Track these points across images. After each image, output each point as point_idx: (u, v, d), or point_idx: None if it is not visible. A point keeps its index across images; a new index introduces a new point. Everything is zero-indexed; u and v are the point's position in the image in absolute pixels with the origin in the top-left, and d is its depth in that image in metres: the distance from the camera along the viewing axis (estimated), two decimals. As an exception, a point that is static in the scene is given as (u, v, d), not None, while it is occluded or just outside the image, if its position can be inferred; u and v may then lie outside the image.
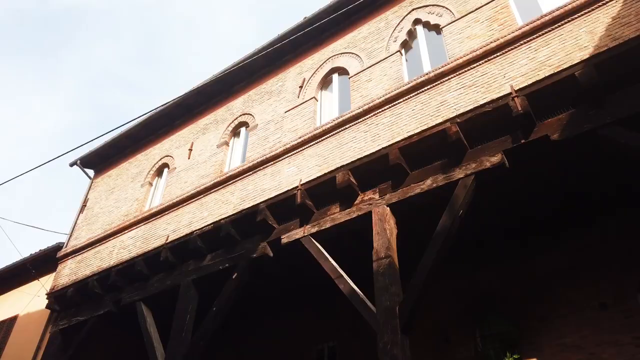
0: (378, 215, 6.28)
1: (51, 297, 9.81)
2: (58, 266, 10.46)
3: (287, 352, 9.17)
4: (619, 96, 5.15)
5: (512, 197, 6.71)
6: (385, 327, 5.31)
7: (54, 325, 9.63)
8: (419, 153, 6.27)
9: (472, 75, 6.26)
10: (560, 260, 7.11)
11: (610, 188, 6.60)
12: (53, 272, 10.53)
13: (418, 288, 5.38)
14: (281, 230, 7.32)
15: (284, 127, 8.34)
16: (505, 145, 5.72)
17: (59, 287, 9.82)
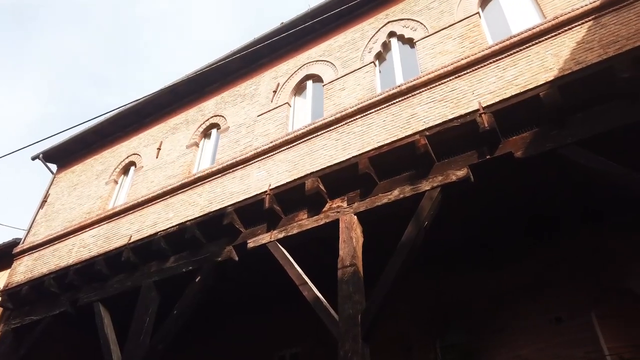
0: (345, 224, 6.32)
1: (4, 294, 9.42)
2: (13, 263, 10.07)
3: (249, 357, 9.08)
4: (580, 118, 5.36)
5: (476, 211, 6.87)
6: (346, 335, 5.33)
7: (5, 324, 9.25)
8: (388, 163, 6.35)
9: (442, 90, 6.40)
10: (519, 274, 7.31)
11: (569, 206, 6.84)
12: (8, 268, 10.13)
13: (381, 297, 5.42)
14: (248, 234, 7.27)
15: (256, 130, 8.31)
16: (471, 160, 5.86)
17: (13, 284, 9.45)
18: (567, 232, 7.17)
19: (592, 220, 7.05)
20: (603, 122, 5.18)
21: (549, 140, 5.43)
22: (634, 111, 5.05)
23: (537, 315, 6.90)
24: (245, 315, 9.51)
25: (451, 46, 6.83)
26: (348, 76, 7.78)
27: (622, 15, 5.43)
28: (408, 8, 7.96)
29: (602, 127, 5.16)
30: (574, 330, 6.58)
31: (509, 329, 7.00)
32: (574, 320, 6.65)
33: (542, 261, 7.23)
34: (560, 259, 7.11)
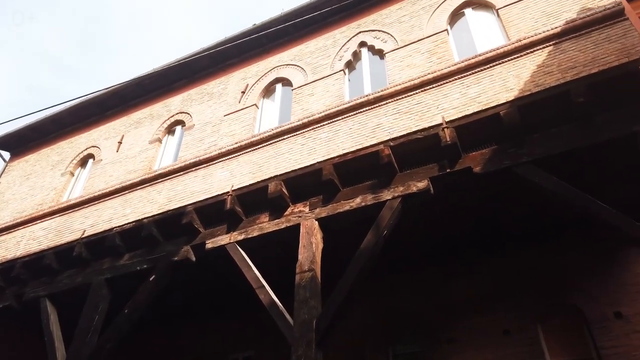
0: (306, 228, 6.32)
1: (-57, 286, 8.90)
2: (-45, 253, 9.54)
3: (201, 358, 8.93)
4: (536, 138, 5.57)
5: (434, 223, 7.01)
6: (301, 340, 5.31)
7: (-57, 317, 8.73)
8: (351, 171, 6.41)
9: (408, 102, 6.52)
10: (472, 286, 7.50)
11: (523, 223, 7.08)
12: (-51, 258, 9.58)
13: (337, 303, 5.45)
14: (207, 235, 7.16)
15: (222, 130, 8.22)
16: (432, 172, 5.99)
17: (-46, 275, 8.94)
18: (519, 247, 7.42)
19: (543, 238, 7.33)
20: (558, 143, 5.41)
21: (506, 158, 5.62)
22: (587, 135, 5.29)
23: (487, 328, 7.10)
24: (200, 316, 9.35)
25: (419, 60, 6.98)
26: (318, 82, 7.83)
27: (581, 42, 5.70)
28: (380, 20, 8.09)
29: (557, 148, 5.38)
30: (521, 344, 6.80)
31: (459, 340, 7.17)
32: (521, 333, 6.88)
33: (493, 274, 7.45)
34: (511, 273, 7.35)
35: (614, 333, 6.33)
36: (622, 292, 6.57)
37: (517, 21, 6.60)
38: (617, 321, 6.39)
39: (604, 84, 5.24)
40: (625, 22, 5.54)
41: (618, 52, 5.35)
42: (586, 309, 6.66)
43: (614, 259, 6.86)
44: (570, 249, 7.17)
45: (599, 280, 6.79)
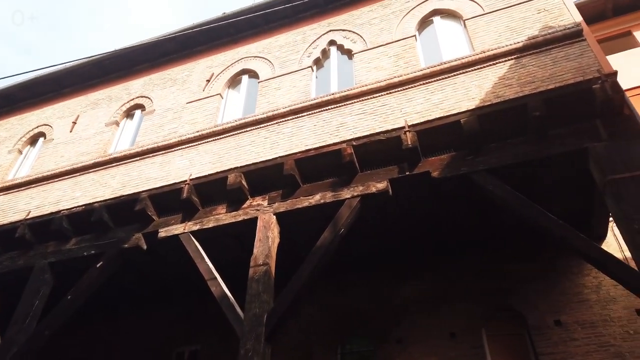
0: (263, 222, 6.27)
1: None
2: None
3: (145, 351, 8.68)
4: (493, 148, 5.75)
5: (390, 224, 7.10)
6: (250, 334, 5.26)
7: None
8: (313, 168, 6.40)
9: (373, 103, 6.59)
10: (422, 288, 7.66)
11: (474, 229, 7.29)
12: None
13: (289, 299, 5.42)
14: (160, 223, 6.97)
15: (183, 118, 8.03)
16: (392, 174, 6.07)
17: None
18: (469, 252, 7.64)
19: (492, 244, 7.57)
20: (513, 154, 5.59)
21: (464, 165, 5.77)
22: (541, 148, 5.50)
23: (434, 329, 7.26)
24: (147, 307, 9.09)
25: (386, 63, 7.06)
26: (285, 77, 7.78)
27: (540, 59, 5.93)
28: (351, 20, 8.13)
29: (511, 158, 5.57)
30: (466, 346, 6.99)
31: (407, 340, 7.30)
32: (466, 336, 7.07)
33: (443, 277, 7.64)
34: (460, 277, 7.55)
35: (553, 340, 6.61)
36: (563, 300, 6.87)
37: (482, 33, 6.80)
38: (557, 328, 6.68)
39: (559, 100, 5.46)
40: (582, 43, 5.80)
41: (574, 71, 5.59)
42: (528, 315, 6.92)
43: (556, 268, 7.17)
44: (515, 257, 7.44)
45: (541, 288, 7.07)
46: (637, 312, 6.45)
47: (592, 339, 6.45)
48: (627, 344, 6.27)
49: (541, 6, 6.60)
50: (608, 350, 6.30)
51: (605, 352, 6.30)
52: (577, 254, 4.88)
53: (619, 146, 5.12)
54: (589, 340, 6.45)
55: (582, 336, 6.51)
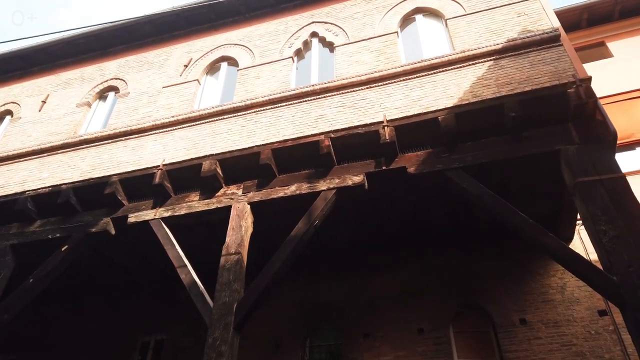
0: (237, 211, 6.19)
1: None
2: None
3: (108, 339, 8.48)
4: (469, 146, 5.81)
5: (364, 218, 7.13)
6: (219, 322, 5.17)
7: None
8: (290, 158, 6.35)
9: (353, 97, 6.57)
10: (391, 284, 7.72)
11: (445, 226, 7.38)
12: None
13: (260, 288, 5.36)
14: (130, 208, 6.80)
15: (158, 102, 7.85)
16: (369, 168, 6.08)
17: None
18: (439, 249, 7.74)
19: (462, 242, 7.69)
20: (488, 153, 5.67)
21: (440, 162, 5.82)
22: (515, 148, 5.59)
23: (403, 324, 7.33)
24: (113, 295, 8.89)
25: (368, 58, 7.06)
26: (265, 66, 7.69)
27: (518, 61, 6.02)
28: (334, 13, 8.10)
29: (486, 157, 5.65)
30: (433, 342, 7.08)
31: (375, 335, 7.34)
32: (433, 332, 7.16)
33: (412, 273, 7.72)
34: (429, 274, 7.64)
35: (518, 338, 6.76)
36: (529, 300, 7.03)
37: (463, 33, 6.86)
38: (522, 327, 6.82)
39: (535, 102, 5.56)
40: (559, 48, 5.92)
41: (551, 74, 5.70)
42: (494, 313, 7.06)
43: (523, 269, 7.33)
44: (484, 256, 7.58)
45: (508, 288, 7.22)
46: (599, 313, 6.65)
47: (555, 338, 6.62)
48: (588, 343, 6.47)
49: (521, 10, 6.71)
50: (570, 349, 6.48)
51: (567, 351, 6.47)
52: (547, 252, 4.98)
53: (590, 150, 5.25)
54: (552, 339, 6.62)
55: (545, 335, 6.68)
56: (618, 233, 4.57)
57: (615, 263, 4.42)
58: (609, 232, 4.60)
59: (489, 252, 7.62)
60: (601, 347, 6.39)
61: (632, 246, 4.45)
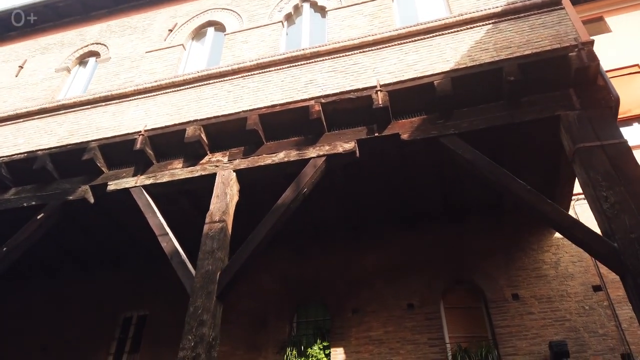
0: (222, 179, 5.91)
1: None
2: None
3: (89, 314, 8.21)
4: (465, 112, 5.57)
5: (355, 189, 6.89)
6: (201, 291, 4.92)
7: None
8: (278, 124, 6.07)
9: (345, 62, 6.29)
10: (382, 258, 7.52)
11: (441, 201, 7.18)
12: None
13: (245, 256, 5.11)
14: (110, 176, 6.49)
15: (141, 67, 7.50)
16: (360, 135, 5.82)
17: None
18: (431, 224, 7.54)
19: (454, 217, 7.50)
20: (485, 119, 5.44)
21: (434, 128, 5.58)
22: (513, 114, 5.36)
23: (392, 300, 7.13)
24: (92, 268, 8.60)
25: (361, 22, 6.76)
26: (253, 30, 7.35)
27: (518, 24, 5.76)
28: (326, -23, 7.75)
29: (484, 123, 5.41)
30: (423, 318, 6.90)
31: (364, 310, 7.14)
32: (424, 308, 6.98)
33: (403, 248, 7.51)
34: (419, 249, 7.44)
35: (510, 314, 6.60)
36: (522, 275, 6.86)
37: (460, -3, 6.58)
38: (514, 302, 6.67)
39: (535, 66, 5.32)
40: (561, 11, 5.67)
41: (552, 38, 5.46)
42: (486, 289, 6.89)
43: (517, 244, 7.16)
44: (477, 231, 7.39)
45: (501, 263, 7.05)
46: (594, 288, 6.50)
47: (549, 313, 6.47)
48: (581, 319, 6.32)
49: (521, -27, 6.43)
50: (563, 324, 6.34)
51: (560, 326, 6.33)
52: (544, 220, 4.78)
53: (591, 115, 5.04)
54: (545, 315, 6.47)
55: (538, 310, 6.52)
56: (620, 199, 4.37)
57: (617, 229, 4.23)
58: (610, 197, 4.41)
59: (482, 228, 7.43)
60: (595, 323, 6.26)
61: (634, 212, 4.26)
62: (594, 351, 6.05)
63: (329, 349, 6.93)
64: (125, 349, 7.95)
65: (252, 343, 7.29)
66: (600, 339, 6.13)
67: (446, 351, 6.56)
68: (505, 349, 6.34)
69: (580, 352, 6.08)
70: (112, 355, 7.96)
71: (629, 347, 5.95)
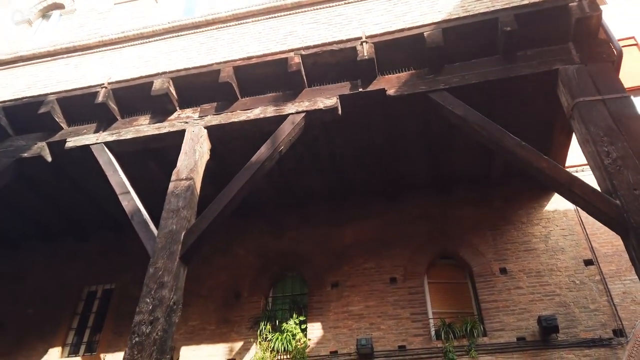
0: (191, 135, 5.42)
1: None
2: None
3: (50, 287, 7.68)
4: (457, 67, 5.16)
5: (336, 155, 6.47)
6: (162, 251, 4.45)
7: None
8: (254, 78, 5.59)
9: (328, 12, 5.82)
10: (364, 232, 7.13)
11: (423, 169, 6.79)
12: None
13: (214, 215, 4.64)
14: (70, 132, 5.96)
15: (109, 18, 6.94)
16: (343, 90, 5.38)
17: None
18: (417, 197, 7.17)
19: (440, 190, 7.13)
20: (477, 74, 5.03)
21: (423, 84, 5.16)
22: (507, 69, 4.97)
23: (374, 274, 6.75)
24: (57, 239, 8.05)
25: (346, -29, 6.27)
26: (230, -18, 6.82)
27: (516, -27, 5.34)
28: None
29: (476, 78, 5.01)
30: (406, 292, 6.52)
31: (344, 284, 6.75)
32: (407, 282, 6.60)
33: (388, 221, 7.13)
34: (405, 222, 7.06)
35: (497, 288, 6.26)
36: (510, 249, 6.52)
37: (452, -51, 6.13)
38: (502, 277, 6.33)
39: (532, 16, 4.93)
40: (561, -41, 5.26)
41: (551, -13, 5.05)
42: (473, 262, 6.54)
43: (505, 217, 6.81)
44: (464, 204, 7.04)
45: (489, 236, 6.70)
46: (585, 262, 6.18)
47: (537, 287, 6.14)
48: (572, 293, 6.00)
49: None
50: (553, 299, 6.01)
51: (549, 301, 6.00)
52: (540, 177, 4.38)
53: (592, 70, 4.67)
54: (534, 289, 6.14)
55: (527, 285, 6.19)
56: (622, 154, 4.01)
57: (619, 186, 3.88)
58: (612, 153, 4.04)
59: (469, 200, 7.07)
60: (586, 298, 5.93)
61: (638, 168, 3.90)
62: (585, 327, 5.74)
63: (306, 323, 6.52)
64: (88, 324, 7.44)
65: (224, 318, 6.84)
66: (592, 314, 5.81)
67: (429, 326, 6.20)
68: (492, 324, 6.00)
69: (570, 327, 5.76)
70: (74, 330, 7.44)
71: (621, 323, 5.64)
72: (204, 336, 6.74)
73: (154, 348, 3.87)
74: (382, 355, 6.03)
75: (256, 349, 6.42)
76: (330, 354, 6.18)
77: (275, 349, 6.29)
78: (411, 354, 5.98)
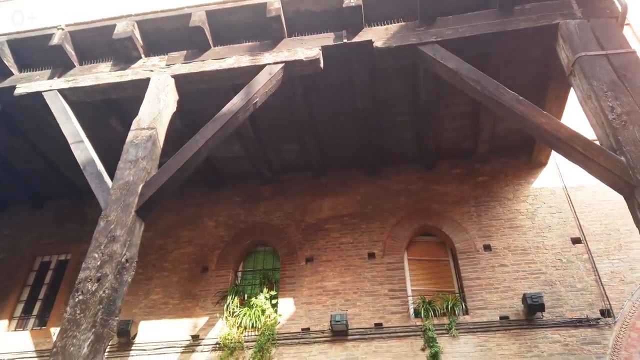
0: (156, 83, 4.88)
1: None
2: None
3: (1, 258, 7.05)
4: (450, 20, 4.76)
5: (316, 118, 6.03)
6: (116, 203, 3.92)
7: None
8: (229, 25, 5.08)
9: (312, -41, 5.32)
10: (342, 205, 6.74)
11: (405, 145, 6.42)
12: None
13: (177, 167, 4.12)
14: (21, 78, 5.34)
15: (70, -40, 6.29)
16: (326, 41, 4.92)
17: None
18: (399, 171, 6.83)
19: (424, 164, 6.78)
20: (472, 27, 4.64)
21: (414, 36, 4.73)
22: (505, 22, 4.58)
23: (351, 249, 6.35)
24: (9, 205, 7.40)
25: None
26: None
27: None
28: None
29: (470, 31, 4.61)
30: (384, 268, 6.15)
31: (319, 259, 6.33)
32: (385, 257, 6.22)
33: (367, 196, 6.74)
34: (386, 196, 6.69)
35: (480, 265, 5.93)
36: (495, 225, 6.21)
37: None
38: (485, 253, 6.00)
39: (533, -34, 4.55)
40: None
41: (553, -64, 4.69)
42: (456, 239, 6.20)
43: (491, 193, 6.50)
44: (449, 179, 6.72)
45: (473, 213, 6.38)
46: (572, 240, 5.90)
47: (523, 265, 5.82)
48: (558, 272, 5.70)
49: None
50: (538, 277, 5.70)
51: (535, 279, 5.69)
52: (537, 134, 4.02)
53: (594, 25, 4.32)
54: (519, 267, 5.82)
55: (512, 262, 5.87)
56: (628, 109, 3.67)
57: (625, 141, 3.53)
58: (617, 108, 3.70)
59: (454, 176, 6.74)
60: (573, 276, 5.65)
61: (645, 124, 3.56)
62: (571, 306, 5.45)
63: (277, 299, 6.06)
64: (40, 296, 6.82)
65: (189, 291, 6.34)
66: (578, 293, 5.53)
67: (408, 304, 5.83)
68: (474, 302, 5.66)
69: (556, 307, 5.46)
70: (23, 303, 6.81)
71: (609, 303, 5.37)
72: (166, 311, 6.23)
73: (100, 307, 3.36)
74: (357, 333, 5.63)
75: (222, 325, 5.94)
76: (302, 331, 5.75)
77: (243, 325, 5.82)
78: (388, 331, 5.60)
